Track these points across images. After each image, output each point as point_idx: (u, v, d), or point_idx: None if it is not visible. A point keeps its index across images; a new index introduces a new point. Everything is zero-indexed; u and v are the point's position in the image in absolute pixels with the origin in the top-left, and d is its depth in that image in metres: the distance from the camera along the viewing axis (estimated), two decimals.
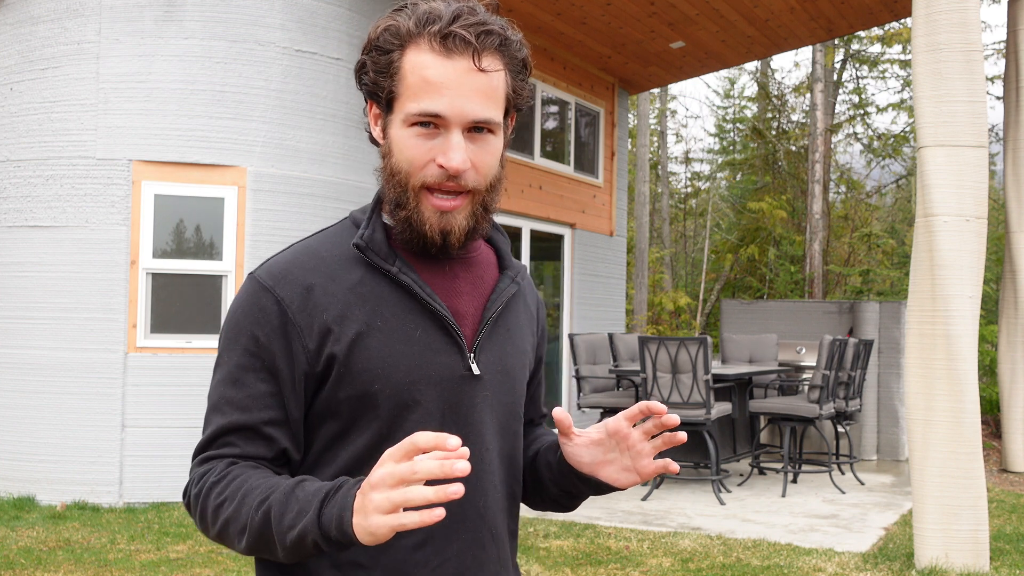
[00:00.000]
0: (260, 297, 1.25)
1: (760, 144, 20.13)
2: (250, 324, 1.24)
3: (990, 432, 10.37)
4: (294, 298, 1.24)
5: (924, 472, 5.11)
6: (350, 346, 1.23)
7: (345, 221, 1.35)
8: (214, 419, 1.25)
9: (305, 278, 1.25)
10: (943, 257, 5.11)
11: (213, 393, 1.27)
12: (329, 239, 1.31)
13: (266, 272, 1.27)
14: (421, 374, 1.26)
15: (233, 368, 1.25)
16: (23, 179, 6.51)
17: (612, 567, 5.12)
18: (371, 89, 1.28)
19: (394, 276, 1.27)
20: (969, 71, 5.15)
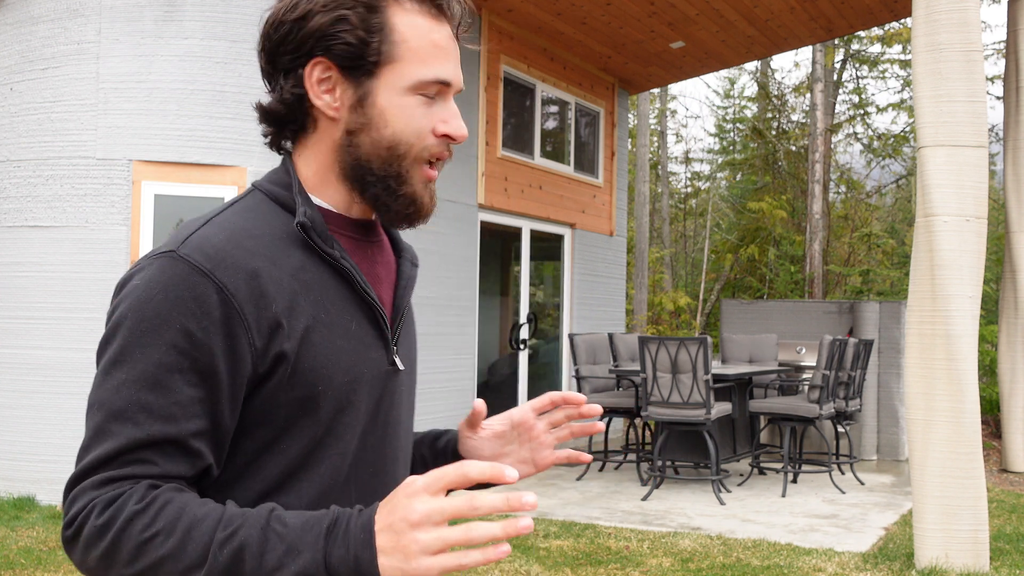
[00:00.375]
0: (194, 283, 1.03)
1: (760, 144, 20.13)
2: (179, 315, 1.02)
3: (990, 432, 10.36)
4: (239, 286, 1.04)
5: (924, 472, 5.11)
6: (299, 343, 1.08)
7: (256, 196, 1.16)
8: (120, 430, 1.01)
9: (248, 261, 1.06)
10: (943, 257, 5.11)
11: (115, 397, 1.02)
12: (253, 215, 1.13)
13: (198, 252, 1.04)
14: (357, 372, 1.14)
15: (151, 368, 1.01)
16: (23, 179, 6.51)
17: (612, 567, 5.11)
18: (354, 50, 1.11)
19: (336, 261, 1.13)
20: (969, 71, 5.15)
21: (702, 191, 23.64)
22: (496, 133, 8.68)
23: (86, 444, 1.03)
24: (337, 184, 1.18)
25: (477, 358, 8.52)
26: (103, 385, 1.03)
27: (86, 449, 1.03)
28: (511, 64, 8.91)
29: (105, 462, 1.01)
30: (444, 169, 8.49)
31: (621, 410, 7.99)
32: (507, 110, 8.95)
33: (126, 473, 1.01)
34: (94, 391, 1.04)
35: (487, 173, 8.55)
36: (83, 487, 1.02)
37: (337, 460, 1.14)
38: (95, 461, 1.02)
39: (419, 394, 7.73)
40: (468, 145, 8.33)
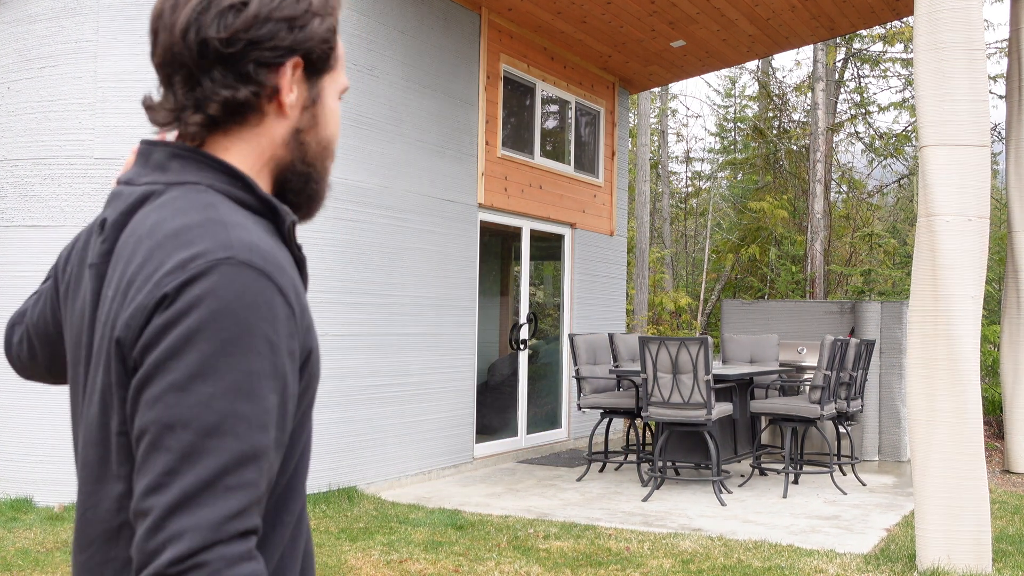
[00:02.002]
0: (262, 287, 1.02)
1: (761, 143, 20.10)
2: (258, 320, 1.00)
3: (992, 433, 10.33)
4: (289, 288, 1.06)
5: (926, 473, 5.09)
6: (313, 333, 1.12)
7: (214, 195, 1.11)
8: (220, 445, 0.95)
9: (284, 261, 1.08)
10: (945, 257, 5.08)
11: (205, 413, 0.96)
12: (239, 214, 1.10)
13: (255, 256, 1.04)
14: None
15: (243, 377, 0.98)
16: (20, 178, 6.49)
17: (612, 568, 5.09)
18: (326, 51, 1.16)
19: (300, 253, 1.17)
20: (971, 70, 5.12)
21: (703, 191, 23.61)
22: (496, 132, 8.65)
23: (170, 468, 0.94)
24: (266, 179, 1.19)
25: (477, 358, 8.49)
26: (181, 402, 0.96)
27: (171, 474, 0.94)
28: (511, 63, 8.88)
29: (209, 485, 0.94)
30: (444, 168, 8.45)
31: (621, 410, 7.96)
32: (507, 109, 8.93)
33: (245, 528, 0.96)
34: (166, 409, 0.96)
35: (487, 173, 8.53)
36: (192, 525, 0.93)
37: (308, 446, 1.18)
38: (197, 486, 0.94)
39: (419, 394, 7.72)
40: (468, 144, 8.30)
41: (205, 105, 1.12)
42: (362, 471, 7.09)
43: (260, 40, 1.11)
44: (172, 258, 1.03)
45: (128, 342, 1.03)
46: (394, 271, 7.44)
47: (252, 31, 1.11)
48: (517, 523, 6.14)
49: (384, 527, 5.93)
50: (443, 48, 7.99)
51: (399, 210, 7.50)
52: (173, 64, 1.12)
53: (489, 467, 8.56)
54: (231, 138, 1.15)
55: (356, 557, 5.21)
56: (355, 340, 7.07)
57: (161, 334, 0.99)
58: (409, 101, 7.62)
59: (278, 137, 1.16)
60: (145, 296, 1.02)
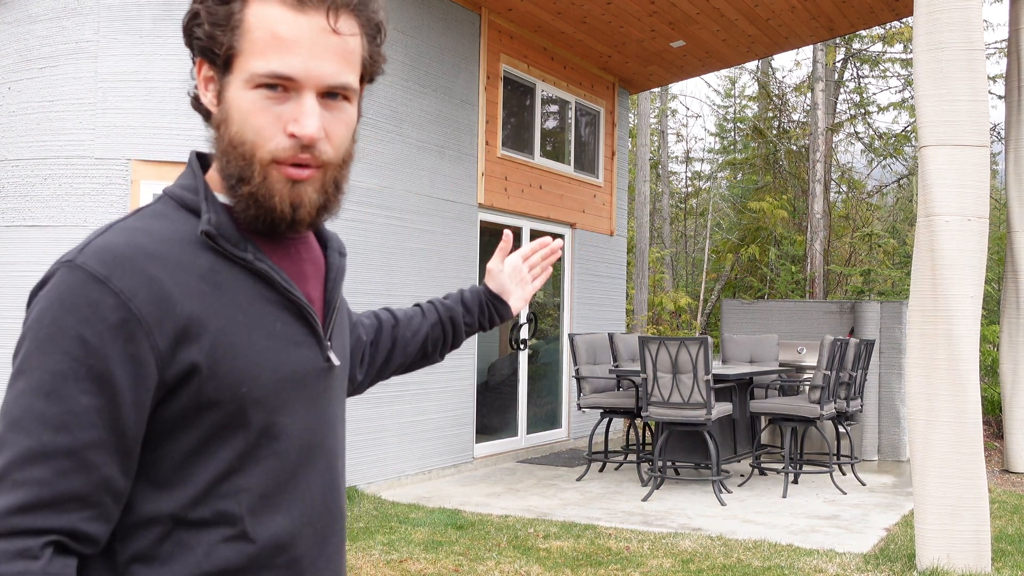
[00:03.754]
0: (89, 289, 1.01)
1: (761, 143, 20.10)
2: (75, 322, 1.00)
3: (992, 432, 10.34)
4: (137, 289, 1.02)
5: (925, 473, 5.09)
6: (212, 345, 1.05)
7: (166, 202, 1.13)
8: (15, 440, 0.98)
9: (147, 265, 1.03)
10: (944, 257, 5.09)
11: (14, 407, 1.00)
12: (159, 221, 1.09)
13: (94, 259, 1.02)
14: (287, 371, 1.12)
15: (47, 376, 0.99)
16: (21, 178, 6.49)
17: (612, 568, 5.09)
18: (205, 45, 1.09)
19: (249, 264, 1.10)
20: (971, 70, 5.13)
21: (703, 191, 23.62)
22: (496, 132, 8.66)
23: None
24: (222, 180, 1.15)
25: (477, 358, 8.50)
26: (6, 396, 1.02)
27: None
28: (511, 63, 8.89)
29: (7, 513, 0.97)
30: (444, 168, 8.42)
31: (621, 410, 7.97)
32: (507, 109, 8.93)
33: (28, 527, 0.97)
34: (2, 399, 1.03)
35: (487, 172, 8.53)
36: None
37: (275, 461, 1.12)
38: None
39: (419, 394, 7.72)
40: (468, 144, 8.31)
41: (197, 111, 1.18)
42: (362, 471, 7.10)
43: (189, 42, 1.14)
44: None
45: None
46: (394, 271, 7.45)
47: (184, 35, 1.14)
48: (517, 523, 6.15)
49: (384, 527, 5.93)
50: (443, 48, 8.00)
51: (399, 210, 7.50)
52: None
53: (489, 467, 8.57)
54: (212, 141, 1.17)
55: (356, 557, 5.22)
56: None
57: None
58: (409, 101, 7.62)
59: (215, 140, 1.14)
60: None
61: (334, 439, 1.21)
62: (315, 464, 1.17)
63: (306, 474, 1.16)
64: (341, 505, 1.24)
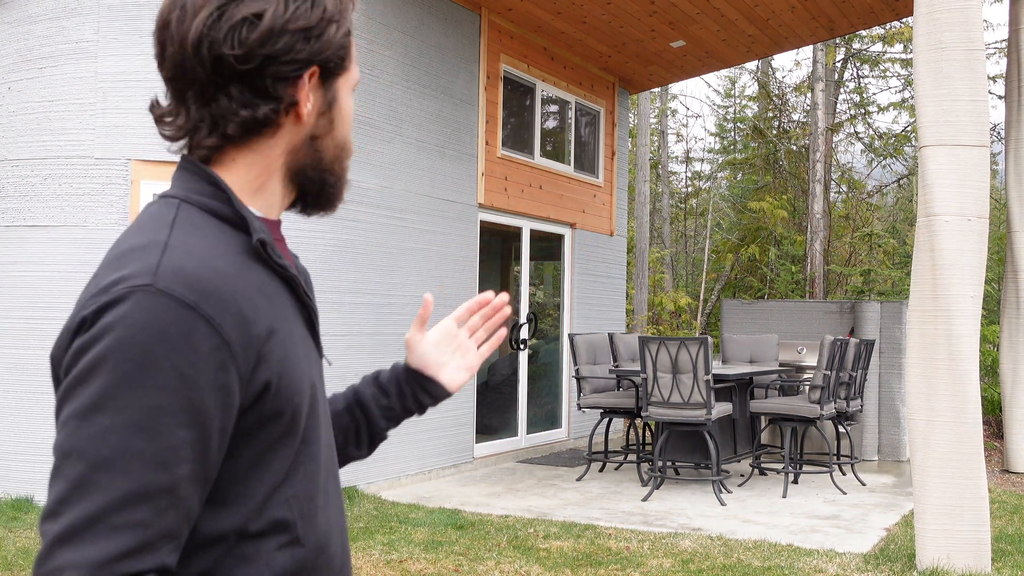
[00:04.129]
0: (179, 317, 0.97)
1: (761, 143, 20.10)
2: (169, 353, 0.95)
3: (991, 432, 10.34)
4: (224, 315, 0.99)
5: (925, 473, 5.09)
6: (278, 360, 1.05)
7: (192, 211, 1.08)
8: (109, 482, 0.92)
9: (225, 287, 1.01)
10: (944, 257, 5.09)
11: (100, 445, 0.93)
12: (204, 234, 1.06)
13: (176, 283, 0.98)
14: (315, 375, 1.15)
15: (142, 412, 0.94)
16: (21, 178, 6.49)
17: (612, 568, 5.09)
18: (343, 59, 1.13)
19: (286, 271, 1.11)
20: (971, 70, 5.13)
21: (703, 191, 23.62)
22: (496, 132, 8.66)
23: (63, 496, 0.93)
24: (275, 188, 1.15)
25: None
26: (80, 431, 0.94)
27: (64, 503, 0.92)
28: (511, 63, 8.89)
29: (94, 521, 0.92)
30: (444, 168, 8.40)
31: (621, 410, 7.97)
32: (507, 109, 8.93)
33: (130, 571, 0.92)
34: (67, 436, 0.94)
35: (487, 172, 8.53)
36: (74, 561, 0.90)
37: (311, 466, 1.13)
38: (82, 520, 0.92)
39: None
40: (468, 144, 8.31)
41: (222, 124, 1.08)
42: (362, 471, 7.10)
43: (277, 55, 1.06)
44: (104, 280, 1.00)
45: (55, 361, 1.02)
46: (394, 271, 7.45)
47: (268, 46, 1.06)
48: (517, 523, 6.15)
49: (384, 527, 5.93)
50: (443, 48, 8.00)
51: (399, 210, 7.51)
52: (185, 79, 1.07)
53: (489, 467, 8.57)
54: (241, 149, 1.11)
55: (356, 557, 5.22)
56: (355, 340, 7.07)
57: (75, 358, 0.97)
58: (409, 101, 7.62)
59: (292, 144, 1.13)
60: (71, 318, 1.00)
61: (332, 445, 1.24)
62: (332, 464, 1.21)
63: (328, 474, 1.19)
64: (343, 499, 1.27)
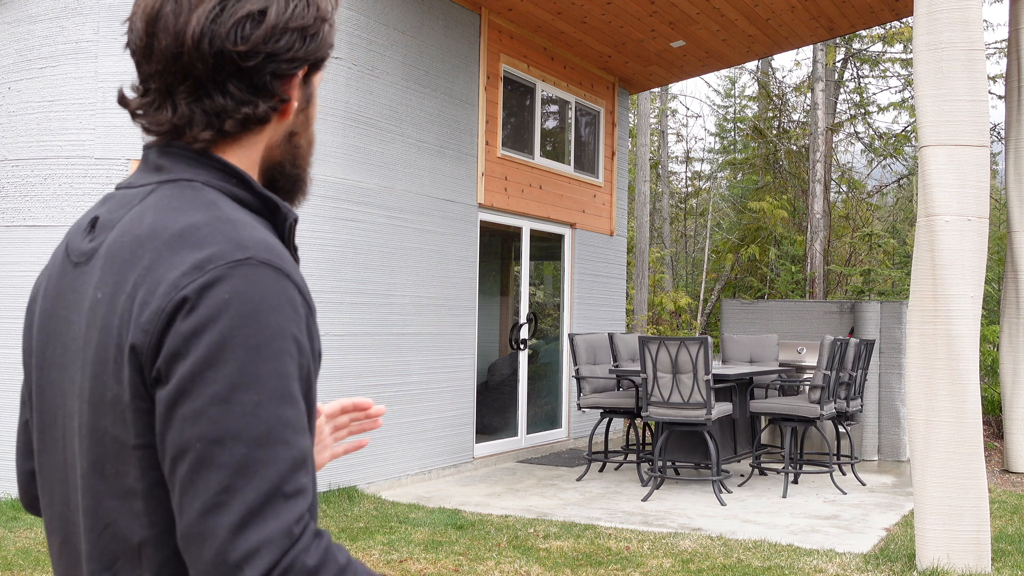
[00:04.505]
0: (284, 287, 0.99)
1: (761, 143, 20.10)
2: (286, 322, 0.97)
3: (992, 432, 10.34)
4: (305, 286, 1.04)
5: (925, 473, 5.09)
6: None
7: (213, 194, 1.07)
8: (274, 455, 0.92)
9: (290, 260, 1.04)
10: (944, 257, 5.09)
11: (253, 423, 0.92)
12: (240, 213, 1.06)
13: (276, 257, 1.01)
14: None
15: (280, 381, 0.95)
16: (21, 178, 6.49)
17: (612, 568, 5.10)
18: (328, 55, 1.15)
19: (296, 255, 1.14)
20: (971, 70, 5.13)
21: (703, 191, 23.62)
22: (496, 132, 8.66)
23: (226, 484, 0.91)
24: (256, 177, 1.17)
25: (477, 358, 8.50)
26: (228, 415, 0.92)
27: (230, 491, 0.91)
28: (511, 63, 8.89)
29: (271, 496, 0.91)
30: (444, 168, 8.40)
31: (621, 410, 7.97)
32: (507, 109, 8.93)
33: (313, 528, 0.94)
34: (212, 423, 0.92)
35: (487, 173, 8.53)
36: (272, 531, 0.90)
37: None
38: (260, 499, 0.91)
39: (419, 394, 7.72)
40: (468, 144, 8.31)
41: (220, 121, 1.07)
42: (362, 471, 7.10)
43: (278, 52, 1.07)
44: (185, 259, 0.98)
45: (146, 349, 0.96)
46: (394, 271, 7.45)
47: (271, 43, 1.06)
48: (517, 523, 6.15)
49: (384, 527, 5.93)
50: (443, 48, 8.00)
51: (399, 210, 7.51)
52: (178, 73, 1.05)
53: (489, 467, 8.57)
54: (231, 145, 1.11)
55: (356, 556, 5.22)
56: (355, 340, 7.07)
57: (189, 342, 0.94)
58: (409, 101, 7.62)
59: (272, 140, 1.14)
60: (161, 299, 0.96)
61: None
62: None
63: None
64: None
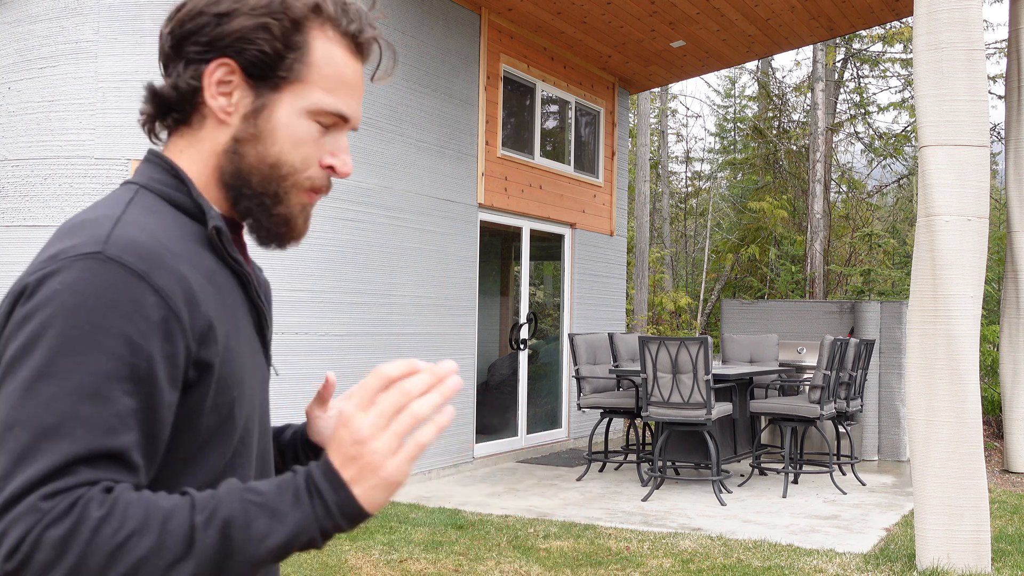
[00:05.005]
0: (130, 285, 0.97)
1: (761, 143, 20.10)
2: (118, 320, 0.95)
3: (991, 432, 10.34)
4: (174, 287, 1.00)
5: (925, 473, 5.09)
6: (222, 348, 1.05)
7: (147, 196, 1.10)
8: (54, 447, 0.90)
9: (175, 263, 1.02)
10: (944, 257, 5.09)
11: (44, 414, 0.91)
12: (158, 217, 1.07)
13: (129, 253, 0.98)
14: (259, 377, 1.16)
15: (89, 377, 0.93)
16: (21, 178, 6.49)
17: (612, 568, 5.09)
18: (261, 58, 1.10)
19: (239, 267, 1.13)
20: (971, 70, 5.13)
21: (703, 191, 23.62)
22: (496, 132, 8.66)
23: (6, 471, 0.91)
24: (216, 189, 1.15)
25: (477, 358, 8.50)
26: (25, 402, 0.92)
27: (7, 477, 0.90)
28: (511, 63, 8.89)
29: (38, 483, 0.90)
30: (444, 168, 8.40)
31: (621, 410, 7.97)
32: (507, 109, 8.93)
33: (72, 483, 0.90)
34: (11, 408, 0.92)
35: (487, 173, 8.53)
36: (20, 511, 0.89)
37: (247, 470, 1.13)
38: (25, 484, 0.90)
39: None
40: (468, 144, 8.31)
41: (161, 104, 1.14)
42: None
43: (191, 33, 1.10)
44: (50, 250, 1.01)
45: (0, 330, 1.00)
46: (394, 271, 7.45)
47: (188, 23, 1.10)
48: (517, 523, 6.15)
49: (384, 526, 5.93)
50: (443, 48, 8.00)
51: (399, 210, 7.51)
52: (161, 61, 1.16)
53: (489, 467, 8.57)
54: (180, 137, 1.15)
55: (356, 556, 5.22)
56: (355, 340, 7.07)
57: (18, 328, 0.96)
58: (409, 101, 7.62)
59: (218, 144, 1.13)
60: (15, 284, 0.99)
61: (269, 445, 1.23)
62: (267, 471, 1.21)
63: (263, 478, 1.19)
64: None
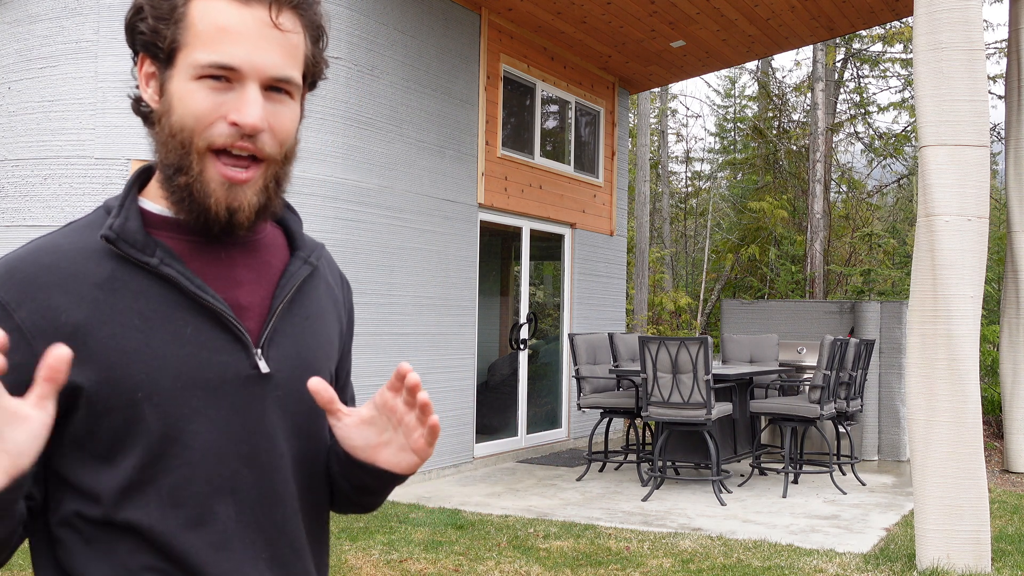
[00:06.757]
0: None
1: (761, 143, 20.10)
2: None
3: (992, 432, 10.34)
4: (22, 299, 1.05)
5: (925, 473, 5.09)
6: (102, 351, 1.05)
7: (99, 211, 1.15)
8: None
9: (38, 275, 1.06)
10: (944, 257, 5.09)
11: None
12: (76, 232, 1.12)
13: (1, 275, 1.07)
14: (197, 377, 1.09)
15: None
16: (21, 178, 6.49)
17: (612, 568, 5.10)
18: (148, 39, 1.10)
19: (154, 268, 1.09)
20: (971, 70, 5.13)
21: (703, 191, 23.62)
22: (496, 132, 8.66)
23: None
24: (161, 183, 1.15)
25: (477, 358, 8.50)
26: None
27: None
28: (511, 63, 8.89)
29: None
30: (444, 168, 8.38)
31: (621, 410, 7.97)
32: (507, 109, 8.93)
33: None
34: None
35: (487, 172, 8.53)
36: None
37: (188, 471, 1.09)
38: None
39: None
40: (468, 144, 8.31)
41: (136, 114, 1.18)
42: None
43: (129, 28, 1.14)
44: None
45: None
46: (394, 271, 7.45)
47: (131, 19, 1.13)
48: (517, 523, 6.15)
49: (384, 527, 5.93)
50: (443, 48, 8.00)
51: (399, 210, 7.51)
52: None
53: (489, 467, 8.57)
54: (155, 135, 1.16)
55: (356, 556, 5.22)
56: (355, 340, 7.06)
57: None
58: (409, 101, 7.62)
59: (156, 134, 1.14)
60: None
61: (274, 451, 1.16)
62: (250, 475, 1.14)
63: (241, 486, 1.13)
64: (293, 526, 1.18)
